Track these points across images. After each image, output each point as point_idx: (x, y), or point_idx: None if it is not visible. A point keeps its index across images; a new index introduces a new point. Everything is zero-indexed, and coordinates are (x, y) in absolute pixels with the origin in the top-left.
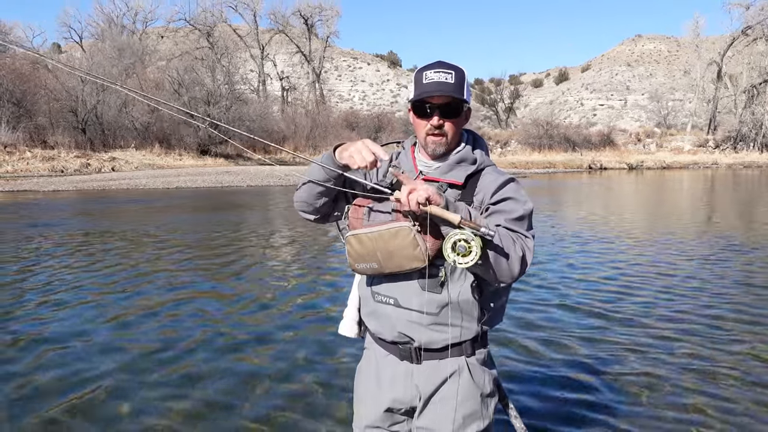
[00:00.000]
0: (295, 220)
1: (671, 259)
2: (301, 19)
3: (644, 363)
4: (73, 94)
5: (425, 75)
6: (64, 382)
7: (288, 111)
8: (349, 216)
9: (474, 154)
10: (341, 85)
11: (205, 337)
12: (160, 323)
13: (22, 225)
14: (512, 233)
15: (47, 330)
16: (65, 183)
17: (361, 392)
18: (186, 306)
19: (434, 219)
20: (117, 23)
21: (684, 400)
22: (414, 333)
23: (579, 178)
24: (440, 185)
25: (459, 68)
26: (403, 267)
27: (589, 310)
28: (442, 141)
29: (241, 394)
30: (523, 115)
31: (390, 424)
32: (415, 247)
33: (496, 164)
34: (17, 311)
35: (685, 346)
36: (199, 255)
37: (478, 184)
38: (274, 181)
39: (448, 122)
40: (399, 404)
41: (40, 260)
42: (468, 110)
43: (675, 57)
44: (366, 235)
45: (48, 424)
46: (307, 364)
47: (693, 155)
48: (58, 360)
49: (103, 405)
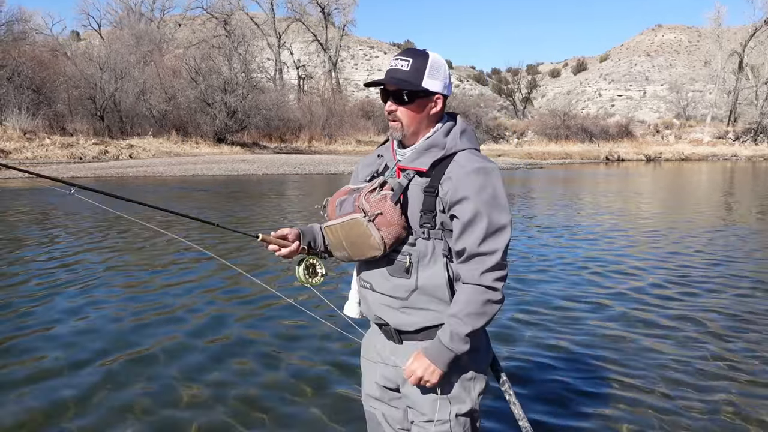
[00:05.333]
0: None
1: (690, 253)
2: (318, 7)
3: (660, 360)
4: (92, 82)
5: (390, 62)
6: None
7: (304, 100)
8: (326, 209)
9: (445, 138)
10: (357, 73)
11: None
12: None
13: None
14: (479, 286)
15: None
16: (83, 170)
17: (362, 365)
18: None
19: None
20: (135, 11)
21: (703, 400)
22: (387, 316)
23: (596, 169)
24: (407, 173)
25: (421, 55)
26: (365, 255)
27: (602, 305)
28: (397, 126)
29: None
30: (540, 105)
31: (389, 398)
32: (369, 236)
33: (486, 154)
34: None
35: (705, 345)
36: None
37: (446, 170)
38: (289, 169)
39: (401, 108)
40: (388, 382)
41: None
42: (429, 97)
43: (695, 47)
44: (334, 226)
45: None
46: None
47: (712, 147)
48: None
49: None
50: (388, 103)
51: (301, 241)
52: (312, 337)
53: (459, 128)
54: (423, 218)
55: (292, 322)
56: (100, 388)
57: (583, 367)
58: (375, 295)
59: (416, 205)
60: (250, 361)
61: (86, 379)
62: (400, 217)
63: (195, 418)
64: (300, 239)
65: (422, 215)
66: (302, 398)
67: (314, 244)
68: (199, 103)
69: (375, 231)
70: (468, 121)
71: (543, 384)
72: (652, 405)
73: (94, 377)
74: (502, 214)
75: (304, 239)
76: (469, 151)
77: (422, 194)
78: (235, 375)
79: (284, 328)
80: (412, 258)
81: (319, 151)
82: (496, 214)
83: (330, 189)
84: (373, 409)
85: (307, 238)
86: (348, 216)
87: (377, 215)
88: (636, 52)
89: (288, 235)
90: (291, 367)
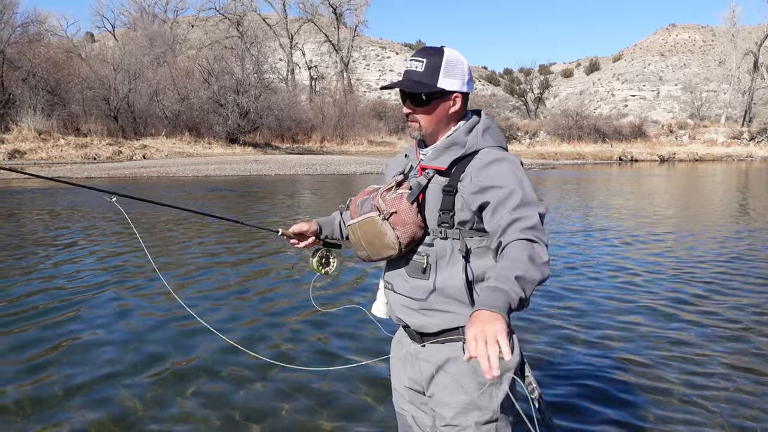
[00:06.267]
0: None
1: (711, 254)
2: (330, 8)
3: (679, 360)
4: (106, 83)
5: (406, 63)
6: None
7: (316, 100)
8: (350, 208)
9: (466, 137)
10: (369, 74)
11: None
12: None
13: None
14: (522, 239)
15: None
16: (97, 170)
17: (391, 364)
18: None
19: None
20: (149, 12)
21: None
22: (406, 317)
23: (609, 169)
24: (427, 172)
25: (436, 54)
26: (382, 254)
27: (620, 304)
28: (416, 126)
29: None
30: (552, 105)
31: (419, 402)
32: (384, 235)
33: (517, 153)
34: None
35: (728, 345)
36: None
37: (466, 168)
38: (301, 170)
39: (418, 110)
40: (414, 384)
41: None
42: (446, 97)
43: (710, 47)
44: (353, 224)
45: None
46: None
47: (727, 147)
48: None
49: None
50: (405, 105)
51: (319, 233)
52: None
53: (482, 126)
54: (441, 217)
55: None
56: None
57: (608, 371)
58: (395, 296)
59: (434, 205)
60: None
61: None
62: (416, 216)
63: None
64: (319, 231)
65: (440, 215)
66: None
67: (332, 235)
68: (211, 104)
69: (389, 230)
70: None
71: (569, 386)
72: (681, 409)
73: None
74: (532, 193)
75: (323, 231)
76: (492, 148)
77: (441, 193)
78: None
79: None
80: (430, 259)
81: (331, 151)
82: (527, 191)
83: (342, 189)
84: (404, 411)
85: (325, 231)
86: (365, 215)
87: (392, 214)
88: (649, 52)
89: (306, 232)
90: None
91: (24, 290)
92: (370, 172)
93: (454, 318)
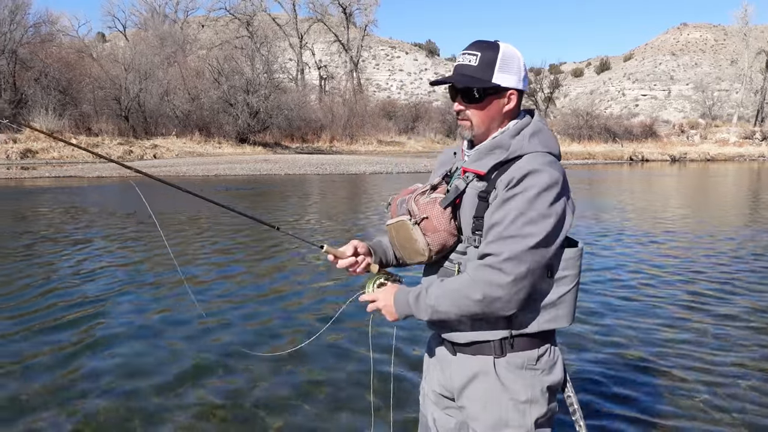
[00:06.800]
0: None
1: (728, 255)
2: (340, 7)
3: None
4: (117, 83)
5: (457, 57)
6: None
7: (326, 100)
8: (390, 207)
9: (512, 140)
10: (379, 74)
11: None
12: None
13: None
14: (475, 270)
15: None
16: (108, 169)
17: (425, 363)
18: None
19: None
20: (159, 12)
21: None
22: (437, 324)
23: (620, 169)
24: (467, 175)
25: (491, 47)
26: (413, 259)
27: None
28: (467, 125)
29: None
30: (562, 105)
31: (444, 406)
32: (415, 241)
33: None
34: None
35: (750, 347)
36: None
37: (503, 175)
38: (311, 169)
39: (470, 107)
40: (444, 390)
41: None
42: (501, 93)
43: (722, 46)
44: (390, 225)
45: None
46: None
47: (739, 147)
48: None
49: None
50: (456, 102)
51: (373, 257)
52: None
53: (531, 129)
54: (475, 224)
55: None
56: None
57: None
58: None
59: (470, 211)
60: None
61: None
62: (449, 223)
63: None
64: (371, 255)
65: (474, 222)
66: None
67: (385, 259)
68: (221, 104)
69: (420, 235)
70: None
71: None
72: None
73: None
74: (531, 226)
75: (376, 256)
76: (537, 153)
77: (476, 199)
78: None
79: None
80: (462, 267)
81: (341, 151)
82: (518, 224)
83: (352, 189)
84: (426, 410)
85: (378, 255)
86: (399, 217)
87: (423, 219)
88: (661, 51)
89: (357, 248)
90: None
91: (46, 287)
92: (380, 171)
93: (484, 330)
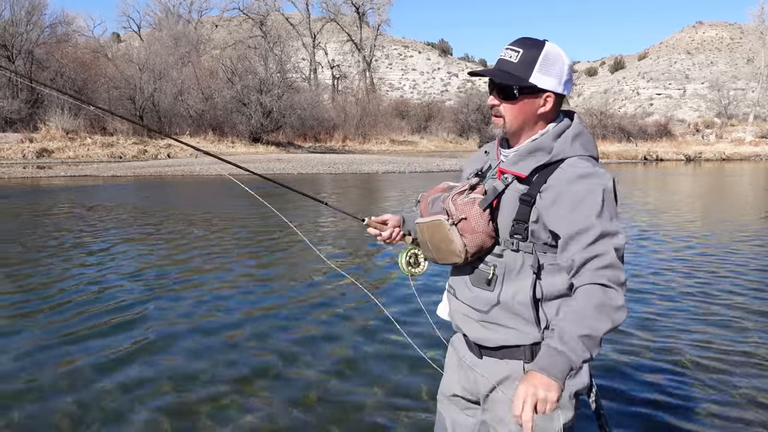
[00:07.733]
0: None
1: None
2: (353, 7)
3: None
4: (132, 83)
5: (502, 51)
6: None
7: (338, 99)
8: (420, 205)
9: (553, 142)
10: (392, 73)
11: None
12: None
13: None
14: (594, 284)
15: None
16: (123, 169)
17: (446, 363)
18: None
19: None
20: (173, 13)
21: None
22: (465, 327)
23: (634, 169)
24: (505, 177)
25: (534, 46)
26: (446, 260)
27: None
28: (499, 122)
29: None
30: (576, 104)
31: (463, 407)
32: (451, 242)
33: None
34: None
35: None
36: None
37: (548, 179)
38: (324, 169)
39: (504, 103)
40: (467, 393)
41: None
42: (537, 94)
43: (738, 44)
44: (421, 224)
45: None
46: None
47: (755, 147)
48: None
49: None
50: (491, 96)
51: (401, 227)
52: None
53: (573, 131)
54: (514, 228)
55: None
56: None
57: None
58: (456, 303)
59: (509, 214)
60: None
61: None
62: (487, 224)
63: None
64: (401, 226)
65: (514, 225)
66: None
67: (413, 233)
68: (235, 103)
69: (457, 237)
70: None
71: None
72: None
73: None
74: (611, 223)
75: (404, 227)
76: (580, 158)
77: (517, 202)
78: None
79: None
80: (497, 270)
81: (353, 150)
82: (604, 223)
83: (364, 188)
84: (444, 411)
85: (407, 227)
86: (434, 216)
87: (461, 220)
88: (676, 50)
89: (388, 220)
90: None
91: (89, 289)
92: (392, 171)
93: (516, 335)
